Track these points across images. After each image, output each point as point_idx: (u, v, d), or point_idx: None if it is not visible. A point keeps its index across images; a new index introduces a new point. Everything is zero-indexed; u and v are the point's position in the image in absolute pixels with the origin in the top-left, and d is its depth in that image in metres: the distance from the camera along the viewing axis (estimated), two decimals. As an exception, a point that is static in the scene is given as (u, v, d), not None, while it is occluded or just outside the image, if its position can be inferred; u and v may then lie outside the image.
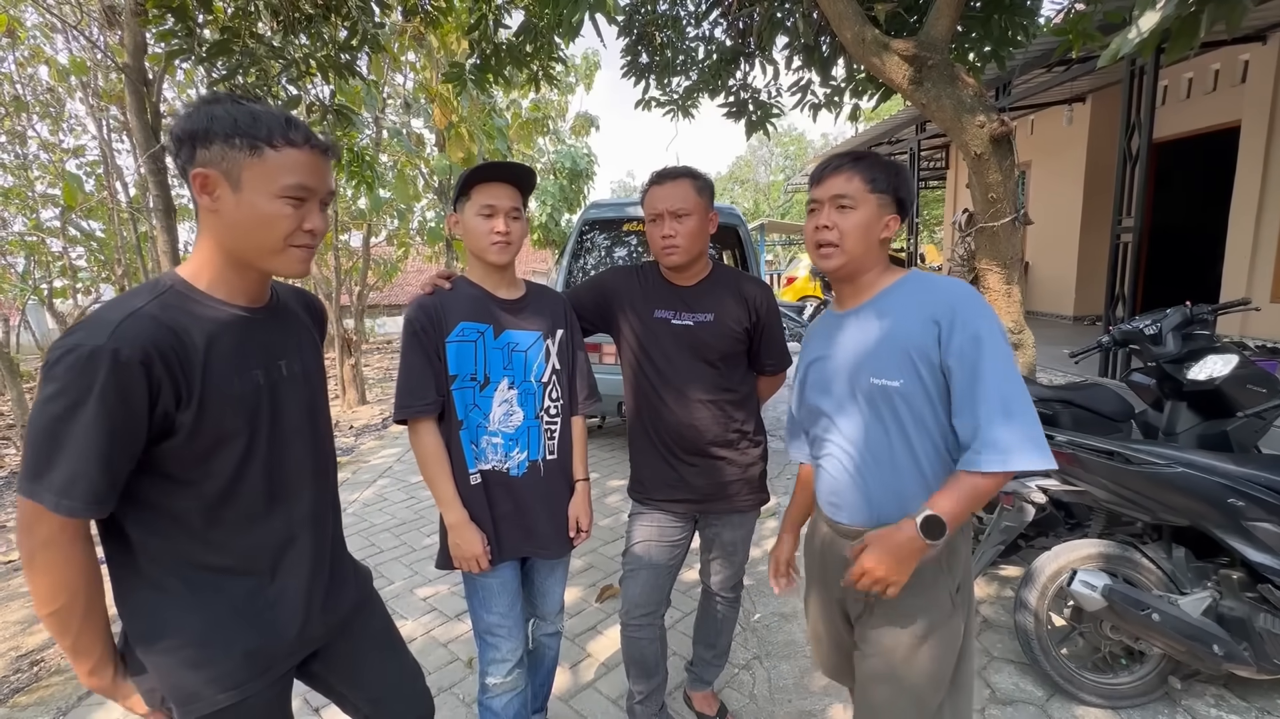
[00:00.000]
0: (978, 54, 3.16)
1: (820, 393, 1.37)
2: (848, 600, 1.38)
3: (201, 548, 1.00)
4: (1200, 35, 1.52)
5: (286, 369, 1.08)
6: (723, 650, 2.06)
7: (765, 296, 1.77)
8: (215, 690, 1.01)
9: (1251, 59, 6.35)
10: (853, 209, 1.26)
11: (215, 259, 1.00)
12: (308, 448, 1.13)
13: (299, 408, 1.11)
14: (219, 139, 0.92)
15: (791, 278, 14.66)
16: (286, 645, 1.09)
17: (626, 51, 4.00)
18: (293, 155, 0.96)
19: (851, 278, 1.33)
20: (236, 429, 0.99)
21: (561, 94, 12.04)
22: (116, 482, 0.89)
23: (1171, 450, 2.00)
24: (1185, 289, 6.14)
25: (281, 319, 1.11)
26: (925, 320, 1.20)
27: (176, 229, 4.68)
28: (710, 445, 1.75)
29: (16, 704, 2.34)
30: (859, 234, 1.26)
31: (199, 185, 0.94)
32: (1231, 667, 1.90)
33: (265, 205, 0.95)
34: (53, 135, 7.37)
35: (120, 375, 0.85)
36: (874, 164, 1.28)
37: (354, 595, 1.26)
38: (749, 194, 37.92)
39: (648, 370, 1.75)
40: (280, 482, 1.07)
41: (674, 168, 1.70)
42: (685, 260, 1.69)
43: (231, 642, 1.02)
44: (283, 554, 1.09)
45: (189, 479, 0.96)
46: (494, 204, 1.51)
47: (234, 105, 0.95)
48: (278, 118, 0.96)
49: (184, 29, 3.01)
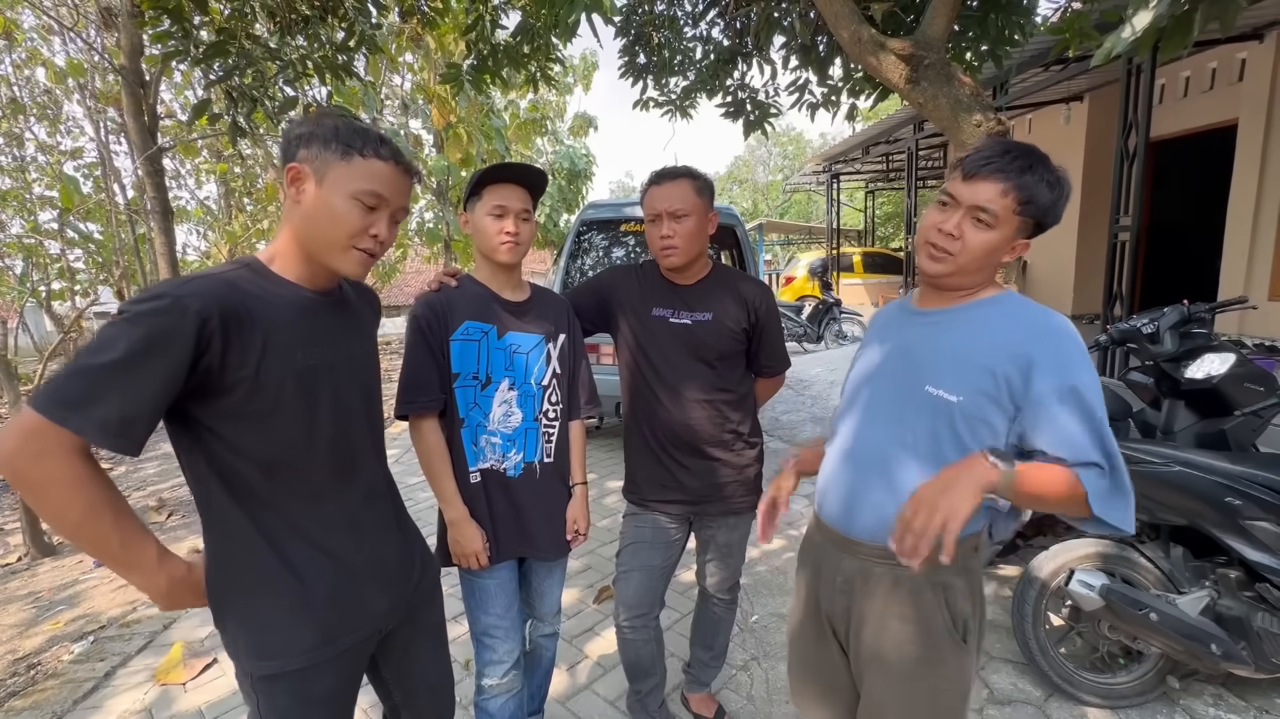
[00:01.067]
0: (975, 53, 3.15)
1: (864, 382, 1.27)
2: (835, 616, 1.29)
3: (276, 517, 1.06)
4: (1194, 35, 1.52)
5: (348, 353, 1.15)
6: (720, 652, 2.06)
7: (765, 298, 1.77)
8: (288, 652, 1.06)
9: (1249, 57, 6.35)
10: (990, 228, 1.09)
11: (291, 246, 1.08)
12: (366, 428, 1.19)
13: (358, 390, 1.18)
14: (319, 141, 1.03)
15: (790, 277, 14.67)
16: (356, 619, 1.14)
17: (624, 52, 3.99)
18: (376, 166, 1.06)
19: (951, 289, 1.19)
20: (298, 400, 1.04)
21: (560, 95, 12.04)
22: (132, 417, 0.88)
23: (1169, 449, 2.00)
24: (1183, 288, 6.14)
25: (347, 308, 1.20)
26: (1010, 346, 1.08)
27: (174, 231, 4.68)
28: (705, 446, 1.74)
29: (12, 708, 2.34)
30: (983, 255, 1.10)
31: (290, 178, 1.04)
32: (1229, 666, 1.90)
33: (339, 203, 1.04)
34: (50, 137, 7.36)
35: (175, 319, 0.89)
36: (1039, 181, 1.08)
37: (424, 580, 1.31)
38: (747, 194, 37.92)
39: (644, 369, 1.75)
40: (345, 459, 1.13)
41: (673, 168, 1.69)
42: (683, 261, 1.68)
43: (307, 607, 1.07)
44: (352, 529, 1.14)
45: (255, 444, 1.01)
46: (505, 205, 1.51)
47: (344, 120, 1.06)
48: (375, 135, 1.07)
49: (180, 30, 3.00)
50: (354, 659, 1.16)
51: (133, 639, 2.74)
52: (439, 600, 1.38)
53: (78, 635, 2.88)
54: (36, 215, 7.00)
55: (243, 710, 2.23)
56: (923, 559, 1.00)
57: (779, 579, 3.04)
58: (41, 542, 3.95)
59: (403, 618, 1.25)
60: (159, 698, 2.33)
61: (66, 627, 3.00)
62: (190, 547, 3.88)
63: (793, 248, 23.75)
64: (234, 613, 1.06)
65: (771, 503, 1.41)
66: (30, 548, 3.91)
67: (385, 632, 1.22)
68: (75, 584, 3.51)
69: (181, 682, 2.41)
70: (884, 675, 1.21)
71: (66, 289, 7.28)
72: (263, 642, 1.06)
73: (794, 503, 4.03)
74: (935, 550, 0.99)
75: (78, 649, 2.75)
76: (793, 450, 1.46)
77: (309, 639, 1.08)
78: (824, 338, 9.93)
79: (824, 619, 1.32)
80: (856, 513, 1.22)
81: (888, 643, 1.19)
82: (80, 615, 3.10)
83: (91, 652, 2.69)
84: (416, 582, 1.28)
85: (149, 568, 0.96)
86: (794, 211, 32.24)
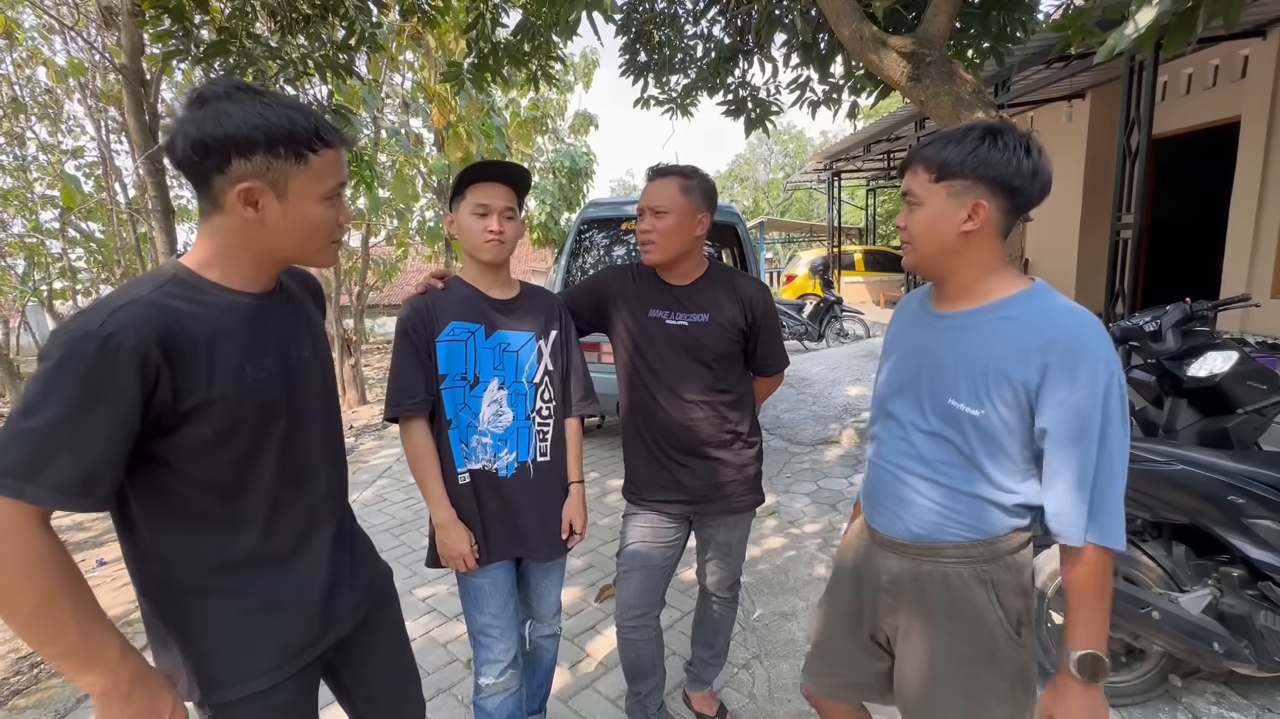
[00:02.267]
0: (976, 50, 3.14)
1: (893, 392, 1.26)
2: (878, 615, 1.27)
3: (226, 541, 0.98)
4: (1197, 31, 1.51)
5: (298, 354, 1.07)
6: (721, 650, 2.05)
7: (762, 296, 1.75)
8: (243, 678, 1.00)
9: (1251, 54, 6.33)
10: (918, 205, 1.13)
11: (237, 254, 0.97)
12: (322, 430, 1.13)
13: (313, 391, 1.11)
14: (261, 148, 0.89)
15: (791, 275, 14.66)
16: (314, 630, 1.09)
17: (625, 50, 3.99)
18: (330, 156, 0.97)
19: (939, 280, 1.19)
20: (252, 416, 0.97)
21: (560, 93, 12.04)
22: (92, 472, 0.81)
23: (1171, 448, 1.99)
24: (1185, 285, 6.13)
25: (290, 304, 1.10)
26: (1028, 349, 1.04)
27: (175, 230, 4.68)
28: (704, 446, 1.74)
29: (15, 707, 2.34)
30: (927, 234, 1.12)
31: (243, 199, 0.90)
32: (1232, 664, 1.89)
33: (314, 211, 0.96)
34: (51, 136, 7.37)
35: (109, 360, 0.81)
36: (943, 145, 1.09)
37: (376, 583, 1.26)
38: (749, 192, 37.90)
39: (641, 370, 1.74)
40: (300, 465, 1.06)
41: (670, 165, 1.69)
42: (661, 258, 1.67)
43: (261, 632, 1.01)
44: (307, 539, 1.08)
45: (207, 471, 0.94)
46: (488, 203, 1.51)
47: (260, 104, 0.90)
48: (307, 117, 0.94)
49: (181, 30, 3.00)
50: (312, 672, 1.12)
51: (135, 638, 2.73)
52: (394, 604, 1.34)
53: (80, 634, 2.89)
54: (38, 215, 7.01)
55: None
56: None
57: (781, 577, 3.04)
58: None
59: (359, 623, 1.20)
60: (161, 697, 2.33)
61: (69, 625, 3.00)
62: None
63: (794, 246, 23.73)
64: (184, 645, 0.97)
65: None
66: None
67: (341, 639, 1.16)
68: (78, 583, 3.52)
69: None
70: (940, 677, 1.19)
71: (68, 288, 7.30)
72: (218, 670, 0.98)
73: (794, 502, 4.03)
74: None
75: (80, 648, 2.75)
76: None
77: (268, 659, 1.02)
78: (825, 336, 9.92)
79: (861, 618, 1.32)
80: (902, 516, 1.22)
81: (942, 643, 1.18)
82: (83, 614, 3.11)
83: (94, 650, 2.70)
84: (367, 586, 1.22)
85: (110, 665, 0.83)
86: (795, 210, 32.21)
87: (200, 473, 0.93)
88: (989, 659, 1.16)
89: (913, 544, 1.20)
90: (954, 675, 1.18)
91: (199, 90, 0.89)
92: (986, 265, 1.13)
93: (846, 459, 4.74)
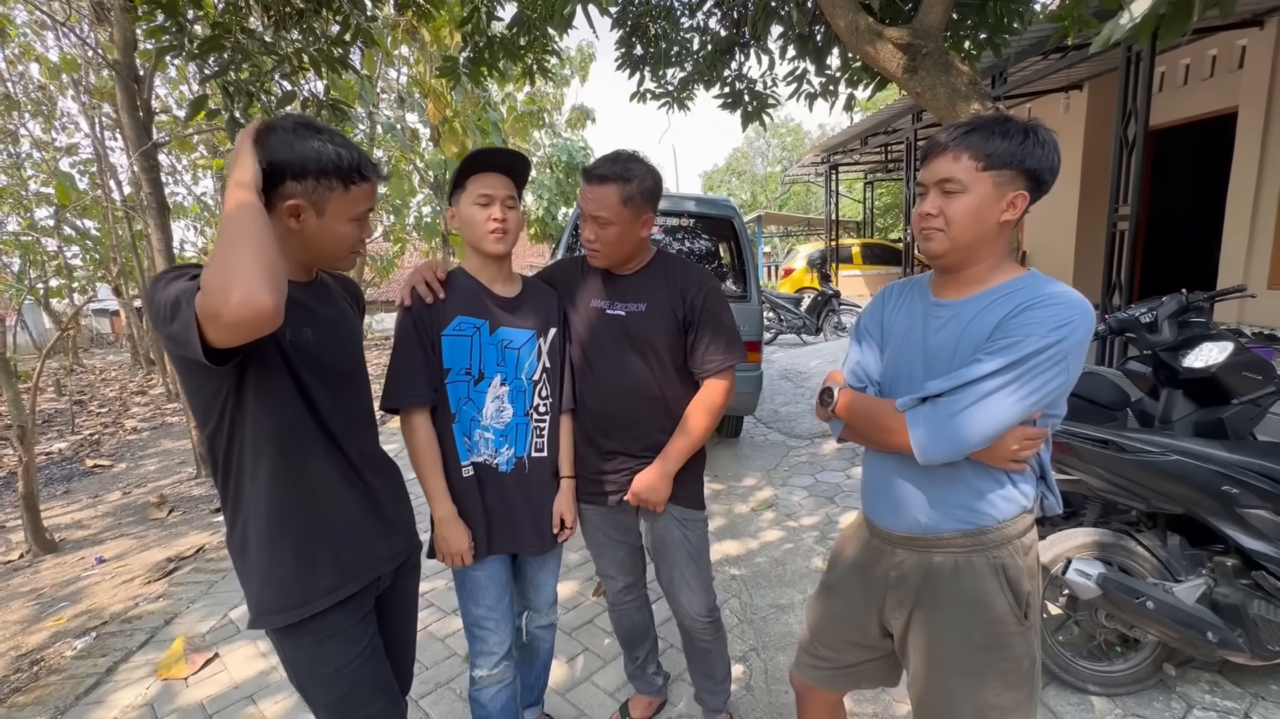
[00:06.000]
0: (972, 42, 3.13)
1: (889, 385, 1.27)
2: (884, 606, 1.28)
3: (287, 473, 1.17)
4: (1193, 20, 1.50)
5: (333, 332, 1.27)
6: (723, 678, 1.96)
7: (704, 285, 1.66)
8: (308, 598, 1.18)
9: (1249, 45, 6.32)
10: (962, 193, 1.11)
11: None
12: (355, 401, 1.31)
13: (346, 366, 1.29)
14: (312, 175, 1.10)
15: (789, 269, 14.65)
16: (360, 564, 1.26)
17: (620, 43, 3.97)
18: (366, 188, 1.19)
19: (956, 268, 1.18)
20: (294, 370, 1.16)
21: (556, 87, 12.01)
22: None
23: (1167, 438, 1.99)
24: (1182, 276, 6.12)
25: (327, 295, 1.31)
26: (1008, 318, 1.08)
27: (170, 227, 4.67)
28: (635, 443, 1.69)
29: (15, 704, 2.35)
30: (969, 221, 1.11)
31: (288, 212, 1.11)
32: (1226, 653, 1.90)
33: (343, 228, 1.18)
34: (45, 133, 7.33)
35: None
36: (989, 135, 1.09)
37: (408, 547, 1.42)
38: (746, 186, 37.81)
39: (579, 361, 1.70)
40: (339, 426, 1.24)
41: (604, 167, 1.57)
42: (609, 263, 1.65)
43: (328, 552, 1.21)
44: (348, 487, 1.26)
45: (269, 404, 1.14)
46: (489, 193, 1.49)
47: (323, 143, 1.11)
48: (356, 156, 1.15)
49: (174, 25, 2.98)
50: (360, 608, 1.27)
51: (134, 635, 2.75)
52: (418, 577, 1.49)
53: (80, 632, 2.90)
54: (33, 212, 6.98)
55: (244, 704, 2.24)
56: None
57: (778, 570, 3.05)
58: (43, 539, 3.96)
59: (390, 581, 1.37)
60: (160, 693, 2.35)
61: (69, 623, 3.01)
62: (193, 544, 3.89)
63: (791, 239, 23.71)
64: (261, 568, 1.17)
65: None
66: (32, 545, 3.92)
67: (381, 587, 1.34)
68: (77, 581, 3.52)
69: (183, 676, 2.42)
70: (952, 666, 1.20)
71: (64, 286, 7.28)
72: (285, 594, 1.17)
73: (791, 495, 4.04)
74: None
75: (80, 645, 2.76)
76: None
77: (327, 582, 1.20)
78: (823, 329, 9.93)
79: (865, 611, 1.32)
80: (908, 509, 1.22)
81: (953, 634, 1.20)
82: (82, 612, 3.12)
83: (93, 647, 2.70)
84: (407, 550, 1.41)
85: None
86: (792, 203, 32.19)
87: (260, 410, 1.14)
88: (1000, 645, 1.18)
89: (921, 537, 1.21)
90: (965, 664, 1.19)
91: (269, 121, 1.11)
92: (1000, 255, 1.16)
93: (844, 452, 4.74)
